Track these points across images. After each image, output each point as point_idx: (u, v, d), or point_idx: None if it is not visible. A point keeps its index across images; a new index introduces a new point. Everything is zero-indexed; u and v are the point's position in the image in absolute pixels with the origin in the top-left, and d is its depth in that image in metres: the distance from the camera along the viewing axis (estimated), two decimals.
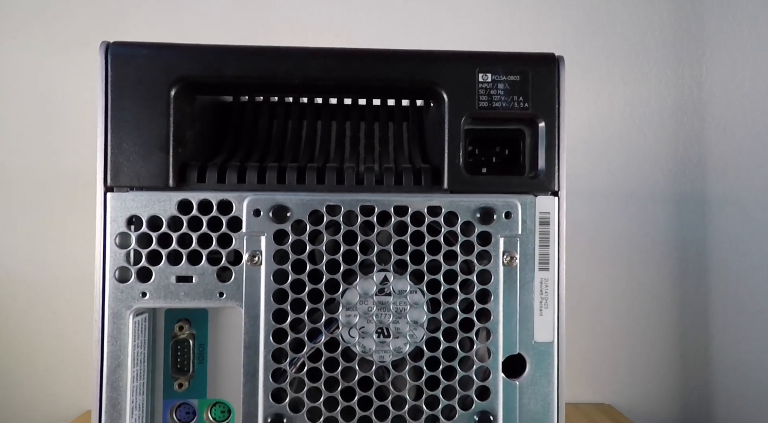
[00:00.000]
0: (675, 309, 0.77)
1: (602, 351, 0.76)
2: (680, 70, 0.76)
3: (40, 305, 0.69)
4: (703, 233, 0.78)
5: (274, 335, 0.29)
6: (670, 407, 0.76)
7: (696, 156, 0.78)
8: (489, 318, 0.30)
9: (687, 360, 0.77)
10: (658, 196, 0.80)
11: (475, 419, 0.29)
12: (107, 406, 0.29)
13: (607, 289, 0.76)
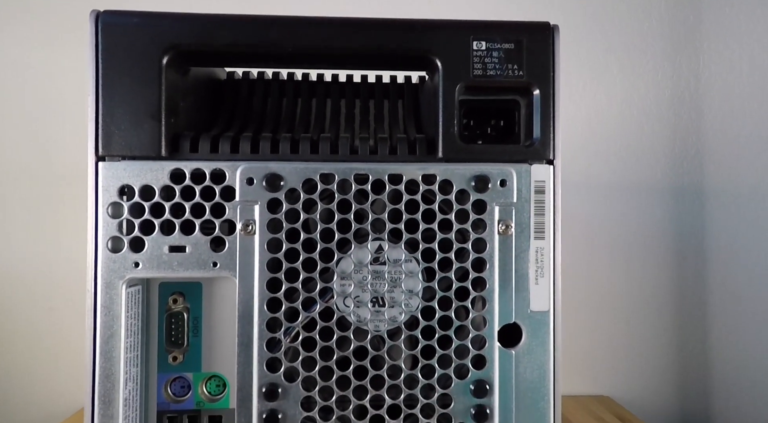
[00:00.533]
0: (673, 301, 0.77)
1: (601, 343, 0.76)
2: (678, 63, 0.76)
3: (37, 302, 0.69)
4: (700, 225, 0.78)
5: (269, 304, 0.29)
6: (668, 399, 0.76)
7: (693, 148, 0.78)
8: (484, 287, 0.29)
9: (685, 352, 0.77)
10: (655, 188, 0.80)
11: (471, 388, 0.29)
12: (101, 376, 0.28)
13: (605, 281, 0.76)
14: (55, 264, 0.69)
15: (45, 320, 0.69)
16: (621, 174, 0.78)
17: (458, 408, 0.29)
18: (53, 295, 0.69)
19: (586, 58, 0.75)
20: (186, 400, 0.32)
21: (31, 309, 0.69)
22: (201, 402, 0.32)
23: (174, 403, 0.32)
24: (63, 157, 0.68)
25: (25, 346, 0.69)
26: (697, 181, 0.79)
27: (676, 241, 0.78)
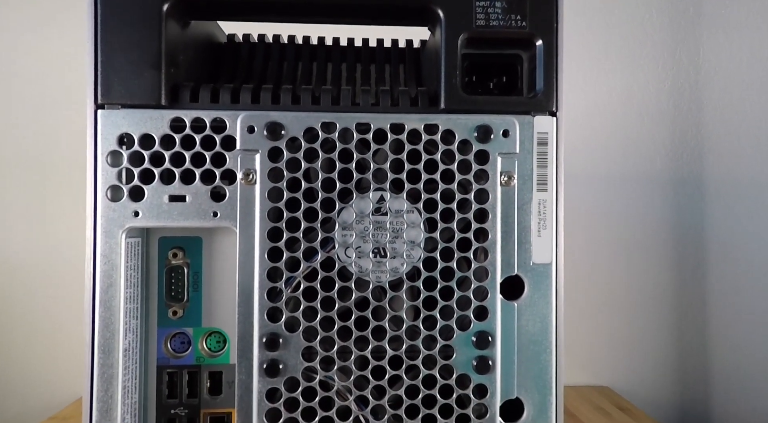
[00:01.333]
0: (672, 292, 0.77)
1: (601, 334, 0.76)
2: (677, 54, 0.76)
3: (35, 291, 0.69)
4: (700, 217, 0.78)
5: (269, 254, 0.28)
6: (668, 389, 0.77)
7: (693, 140, 0.78)
8: (486, 238, 0.29)
9: (684, 343, 0.77)
10: (655, 179, 0.80)
11: (473, 340, 0.29)
12: (100, 326, 0.28)
13: (605, 272, 0.76)
14: (54, 253, 0.69)
15: (43, 309, 0.69)
16: (621, 165, 0.78)
17: (460, 359, 0.29)
18: (52, 283, 0.69)
19: (586, 49, 0.75)
20: (186, 355, 0.32)
21: (29, 298, 0.69)
22: (201, 357, 0.32)
23: (174, 358, 0.32)
24: (61, 144, 0.68)
25: (23, 335, 0.69)
26: (697, 172, 0.79)
27: (675, 233, 0.78)
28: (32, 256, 0.69)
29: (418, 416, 0.29)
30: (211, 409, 0.32)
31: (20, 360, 0.70)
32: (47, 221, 0.68)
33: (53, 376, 0.70)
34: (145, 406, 0.31)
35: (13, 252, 0.69)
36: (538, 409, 0.30)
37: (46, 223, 0.68)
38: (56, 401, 0.69)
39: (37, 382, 0.70)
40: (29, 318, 0.69)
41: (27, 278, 0.69)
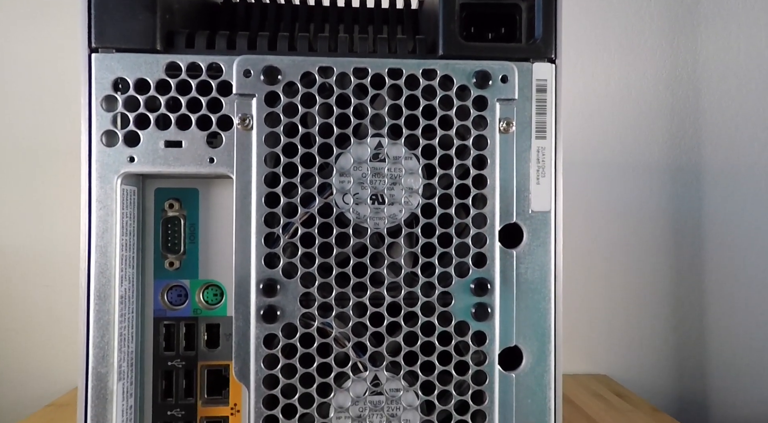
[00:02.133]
0: (670, 279, 0.77)
1: (599, 322, 0.76)
2: (676, 43, 0.76)
3: (32, 280, 0.68)
4: (698, 205, 0.78)
5: (267, 200, 0.28)
6: (665, 377, 0.77)
7: (691, 128, 0.78)
8: (485, 184, 0.29)
9: (682, 330, 0.77)
10: (653, 167, 0.80)
11: (471, 287, 0.29)
12: (96, 272, 0.28)
13: (602, 260, 0.76)
14: (51, 243, 0.68)
15: (40, 299, 0.68)
16: (619, 153, 0.78)
17: (459, 306, 0.29)
18: (48, 274, 0.68)
19: (584, 37, 0.75)
20: (183, 308, 0.32)
21: (26, 288, 0.69)
22: (198, 309, 0.32)
23: (171, 310, 0.31)
24: (57, 135, 0.67)
25: (19, 324, 0.69)
26: (695, 160, 0.79)
27: (673, 221, 0.78)
28: (29, 247, 0.69)
29: (417, 363, 0.29)
30: (209, 361, 0.32)
31: (17, 349, 0.69)
32: (44, 212, 0.68)
33: (50, 365, 0.70)
34: (141, 358, 0.31)
35: (10, 243, 0.69)
36: (537, 357, 0.30)
37: (42, 214, 0.68)
38: (53, 389, 0.69)
39: (34, 371, 0.70)
40: (26, 308, 0.69)
41: (24, 269, 0.69)
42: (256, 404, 0.28)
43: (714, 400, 0.76)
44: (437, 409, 0.29)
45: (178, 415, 0.31)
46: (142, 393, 0.31)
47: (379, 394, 0.29)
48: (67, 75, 0.65)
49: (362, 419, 0.28)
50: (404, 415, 0.29)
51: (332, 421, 0.28)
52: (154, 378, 0.31)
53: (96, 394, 0.28)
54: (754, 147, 0.78)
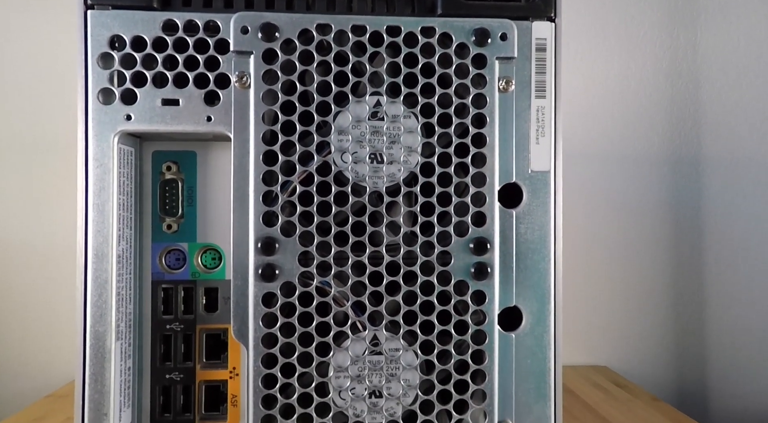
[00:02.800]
0: (670, 271, 0.77)
1: (598, 314, 0.76)
2: (675, 34, 0.76)
3: (31, 273, 0.68)
4: (697, 196, 0.78)
5: (265, 158, 0.28)
6: (665, 368, 0.77)
7: (691, 119, 0.78)
8: (484, 143, 0.29)
9: (682, 322, 0.77)
10: (653, 158, 0.80)
11: (470, 246, 0.29)
12: (93, 231, 0.28)
13: (602, 251, 0.76)
14: (49, 236, 0.68)
15: (39, 291, 0.68)
16: (618, 145, 0.78)
17: (458, 265, 0.29)
18: (47, 267, 0.68)
19: (583, 29, 0.74)
20: (181, 271, 0.31)
21: (25, 281, 0.69)
22: (196, 273, 0.32)
23: (169, 274, 0.31)
24: (55, 126, 0.67)
25: (18, 317, 0.69)
26: (694, 152, 0.79)
27: (673, 212, 0.78)
28: (27, 240, 0.68)
29: (416, 323, 0.29)
30: (207, 325, 0.32)
31: (16, 342, 0.69)
32: (42, 205, 0.68)
33: (49, 358, 0.70)
34: (140, 321, 0.31)
35: (8, 236, 0.68)
36: (537, 317, 0.30)
37: (41, 207, 0.68)
38: (53, 382, 0.69)
39: (33, 363, 0.69)
40: (25, 300, 0.69)
41: (22, 262, 0.68)
42: (255, 363, 0.28)
43: (713, 391, 0.76)
44: (437, 369, 0.29)
45: (177, 379, 0.31)
46: (141, 356, 0.31)
47: (379, 354, 0.29)
48: (66, 68, 0.65)
49: (361, 379, 0.28)
50: (403, 375, 0.29)
51: (331, 380, 0.28)
52: (153, 341, 0.31)
53: (94, 352, 0.28)
54: (753, 138, 0.78)
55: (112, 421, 0.28)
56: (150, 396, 0.31)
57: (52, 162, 0.67)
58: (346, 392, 0.28)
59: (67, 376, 0.68)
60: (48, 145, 0.67)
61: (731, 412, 0.75)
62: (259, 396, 0.28)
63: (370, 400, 0.28)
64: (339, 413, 0.28)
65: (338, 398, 0.28)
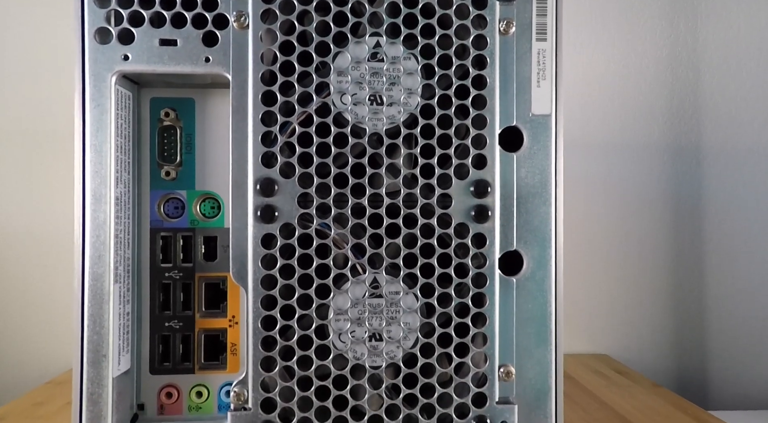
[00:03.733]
0: (670, 260, 0.77)
1: (599, 303, 0.76)
2: (675, 22, 0.75)
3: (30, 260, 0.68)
4: (698, 185, 0.78)
5: (263, 98, 0.28)
6: (665, 356, 0.77)
7: (691, 107, 0.78)
8: (485, 85, 0.29)
9: (682, 311, 0.77)
10: (653, 147, 0.80)
11: (471, 189, 0.29)
12: (91, 171, 0.28)
13: (603, 241, 0.76)
14: (48, 223, 0.68)
15: (37, 279, 0.68)
16: (619, 133, 0.77)
17: (458, 208, 0.29)
18: (45, 254, 0.68)
19: (583, 17, 0.74)
20: (180, 220, 0.31)
21: (23, 268, 0.68)
22: (195, 221, 0.31)
23: (167, 222, 0.31)
24: (54, 113, 0.67)
25: (17, 305, 0.69)
26: (695, 140, 0.78)
27: (673, 201, 0.78)
28: (26, 228, 0.68)
29: (416, 266, 0.28)
30: (206, 273, 0.31)
31: (15, 329, 0.69)
32: (41, 193, 0.68)
33: (48, 345, 0.70)
34: (138, 269, 0.31)
35: (7, 224, 0.68)
36: (538, 262, 0.29)
37: (39, 195, 0.68)
38: (51, 370, 0.69)
39: (32, 351, 0.69)
40: (23, 287, 0.69)
41: (21, 249, 0.68)
42: (255, 305, 0.28)
43: (714, 378, 0.76)
44: (437, 312, 0.29)
45: (176, 327, 0.31)
46: (140, 305, 0.31)
47: (379, 297, 0.28)
48: (65, 56, 0.65)
49: (361, 322, 0.28)
50: (404, 318, 0.28)
51: (331, 322, 0.28)
52: (152, 290, 0.31)
53: (93, 293, 0.27)
54: (753, 127, 0.77)
55: (111, 363, 0.27)
56: (149, 344, 0.31)
57: (50, 150, 0.67)
58: (346, 335, 0.28)
59: (66, 364, 0.68)
60: (46, 133, 0.67)
61: (731, 399, 0.76)
62: (259, 338, 0.28)
63: (370, 343, 0.28)
64: (339, 356, 0.28)
65: (338, 341, 0.28)
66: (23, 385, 0.66)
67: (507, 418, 0.29)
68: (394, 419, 0.28)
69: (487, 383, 0.29)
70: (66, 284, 0.67)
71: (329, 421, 0.28)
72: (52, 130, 0.68)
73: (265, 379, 0.28)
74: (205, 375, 0.31)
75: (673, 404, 0.58)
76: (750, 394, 0.76)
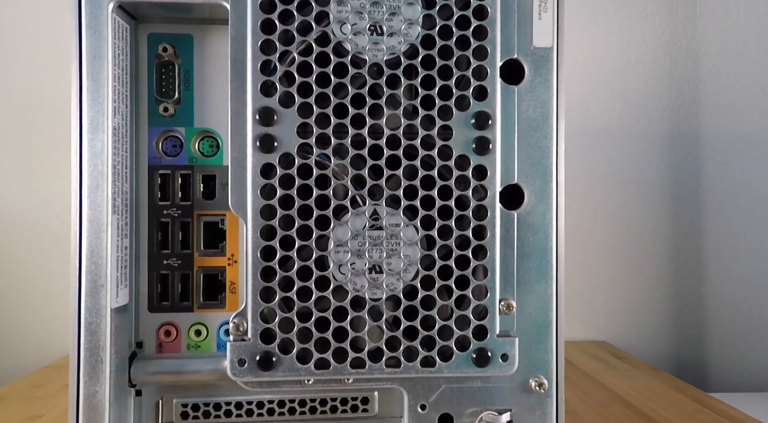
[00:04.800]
0: (669, 247, 0.77)
1: (598, 290, 0.76)
2: (675, 9, 0.75)
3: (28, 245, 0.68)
4: (697, 171, 0.78)
5: (263, 26, 0.27)
6: (664, 343, 0.77)
7: (690, 95, 0.78)
8: (486, 16, 0.28)
9: (681, 297, 0.77)
10: (652, 134, 0.80)
11: (472, 121, 0.28)
12: (88, 100, 0.27)
13: (602, 227, 0.76)
14: (45, 206, 0.68)
15: (35, 263, 0.68)
16: (618, 120, 0.77)
17: (459, 140, 0.28)
18: (43, 237, 0.68)
19: (583, 4, 0.74)
20: (178, 157, 0.31)
21: (21, 252, 0.68)
22: (194, 158, 0.31)
23: (166, 159, 0.31)
24: (52, 97, 0.66)
25: (15, 290, 0.68)
26: (694, 127, 0.78)
27: (672, 188, 0.78)
28: (24, 212, 0.68)
29: (417, 198, 0.28)
30: (205, 211, 0.31)
31: (13, 314, 0.69)
32: (39, 176, 0.67)
33: (45, 331, 0.69)
34: (136, 207, 0.31)
35: (4, 207, 0.68)
36: (539, 195, 0.29)
37: (37, 178, 0.67)
38: (50, 355, 0.68)
39: (30, 336, 0.69)
40: (21, 272, 0.68)
41: (18, 232, 0.68)
42: (254, 234, 0.27)
43: (712, 366, 0.76)
44: (437, 245, 0.28)
45: (175, 265, 0.31)
46: (138, 243, 0.31)
47: (379, 229, 0.28)
48: (63, 36, 0.64)
49: (361, 254, 0.28)
50: (404, 251, 0.28)
51: (331, 254, 0.28)
52: (150, 228, 0.31)
53: (90, 222, 0.27)
54: (753, 113, 0.77)
55: (109, 294, 0.27)
56: (147, 283, 0.31)
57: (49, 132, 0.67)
58: (346, 267, 0.28)
59: (63, 350, 0.67)
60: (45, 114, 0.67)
61: (730, 384, 0.76)
62: (258, 268, 0.28)
63: (370, 275, 0.28)
64: (339, 288, 0.28)
65: (338, 273, 0.28)
66: (21, 371, 0.66)
67: (508, 350, 0.28)
68: (394, 351, 0.28)
69: (487, 316, 0.28)
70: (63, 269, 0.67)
71: (329, 352, 0.28)
72: (51, 111, 0.67)
73: (264, 310, 0.28)
74: (204, 313, 0.31)
75: (672, 386, 0.58)
76: (749, 379, 0.76)
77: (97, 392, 0.27)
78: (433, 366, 0.28)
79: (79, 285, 0.27)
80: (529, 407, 0.29)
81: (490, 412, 0.29)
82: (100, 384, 0.27)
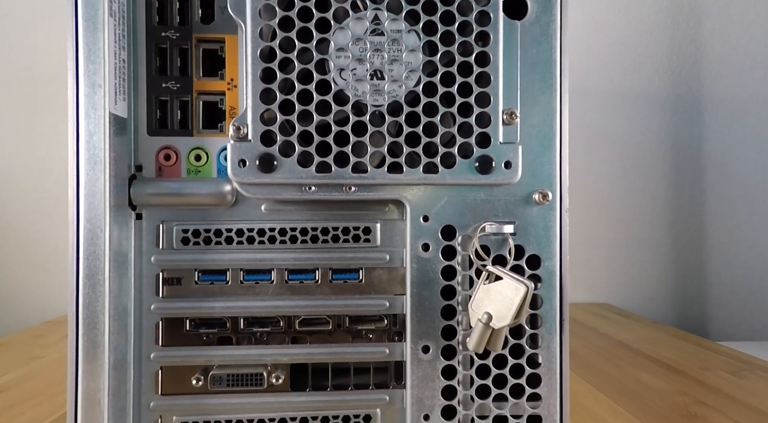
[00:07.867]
0: (670, 210, 0.77)
1: (600, 253, 0.75)
2: None
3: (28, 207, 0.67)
4: (698, 135, 0.77)
5: None
6: (665, 306, 0.77)
7: (692, 57, 0.76)
8: None
9: (682, 261, 0.77)
10: (653, 97, 0.79)
11: None
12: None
13: (603, 191, 0.75)
14: (45, 168, 0.67)
15: (35, 224, 0.67)
16: (619, 83, 0.76)
17: None
18: (43, 199, 0.67)
19: None
20: None
21: (21, 214, 0.68)
22: None
23: None
24: (50, 61, 0.65)
25: (15, 251, 0.68)
26: (695, 90, 0.77)
27: (673, 151, 0.77)
28: (25, 175, 0.67)
29: (419, 2, 0.28)
30: (203, 34, 0.31)
31: (13, 276, 0.69)
32: (40, 139, 0.67)
33: (46, 291, 0.69)
34: (134, 29, 0.30)
35: (5, 169, 0.67)
36: (543, 6, 0.29)
37: (38, 141, 0.67)
38: (49, 314, 0.68)
39: (32, 295, 0.69)
40: (21, 233, 0.68)
41: (18, 194, 0.68)
42: (253, 35, 0.27)
43: (712, 329, 0.76)
44: (440, 51, 0.28)
45: (174, 88, 0.30)
46: (136, 66, 0.30)
47: (380, 35, 0.28)
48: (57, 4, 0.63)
49: (363, 60, 0.28)
50: (406, 57, 0.28)
51: (332, 57, 0.27)
52: (148, 54, 0.30)
53: (86, 21, 0.27)
54: (754, 76, 0.76)
55: (107, 96, 0.27)
56: (146, 107, 0.30)
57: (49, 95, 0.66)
58: (348, 72, 0.28)
59: (63, 311, 0.68)
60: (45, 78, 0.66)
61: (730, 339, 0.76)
62: (258, 69, 0.27)
63: (372, 81, 0.28)
64: (340, 92, 0.28)
65: (339, 78, 0.28)
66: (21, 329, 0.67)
67: (511, 158, 0.28)
68: (396, 158, 0.28)
69: (491, 123, 0.28)
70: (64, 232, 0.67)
71: (330, 156, 0.27)
72: (51, 74, 0.67)
73: (264, 113, 0.27)
74: (204, 138, 0.31)
75: (674, 335, 0.59)
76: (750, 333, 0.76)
77: (95, 217, 0.27)
78: (435, 173, 0.28)
79: (76, 88, 0.27)
80: (533, 219, 0.29)
81: (493, 223, 0.28)
82: (97, 204, 0.27)
